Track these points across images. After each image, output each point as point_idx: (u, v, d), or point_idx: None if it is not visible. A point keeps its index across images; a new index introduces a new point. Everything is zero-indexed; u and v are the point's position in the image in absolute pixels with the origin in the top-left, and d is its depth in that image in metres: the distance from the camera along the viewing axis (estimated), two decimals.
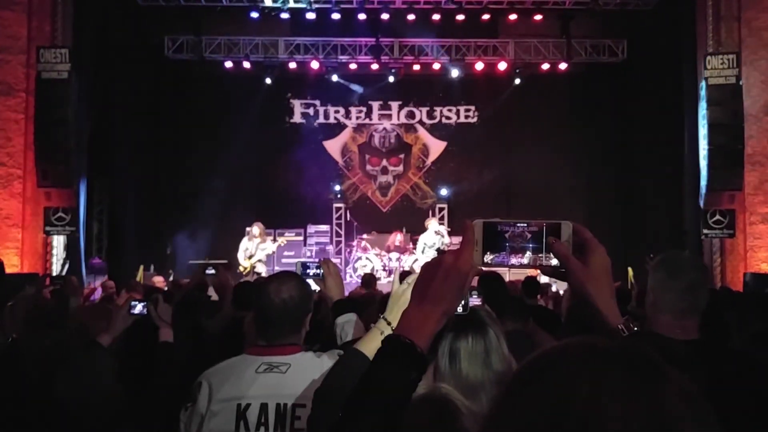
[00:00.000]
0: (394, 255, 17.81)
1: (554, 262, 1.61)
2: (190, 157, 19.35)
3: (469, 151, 20.20)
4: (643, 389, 0.93)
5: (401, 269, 16.13)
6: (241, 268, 15.53)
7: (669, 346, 2.74)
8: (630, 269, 14.77)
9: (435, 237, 17.00)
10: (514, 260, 1.59)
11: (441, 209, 19.44)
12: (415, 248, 17.59)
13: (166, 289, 10.85)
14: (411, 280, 2.37)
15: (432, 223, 17.22)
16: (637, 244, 16.88)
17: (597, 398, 0.91)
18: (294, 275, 3.16)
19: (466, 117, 20.53)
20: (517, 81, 19.39)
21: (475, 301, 4.84)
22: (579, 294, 1.62)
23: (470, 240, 1.57)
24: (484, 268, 1.61)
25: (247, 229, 16.59)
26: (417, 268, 15.94)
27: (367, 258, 18.01)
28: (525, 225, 1.60)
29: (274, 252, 16.35)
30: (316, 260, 3.84)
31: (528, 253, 1.60)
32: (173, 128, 19.47)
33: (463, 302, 1.93)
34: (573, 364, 0.97)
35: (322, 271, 3.71)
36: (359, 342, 2.42)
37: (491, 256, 1.59)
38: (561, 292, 11.53)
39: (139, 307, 4.36)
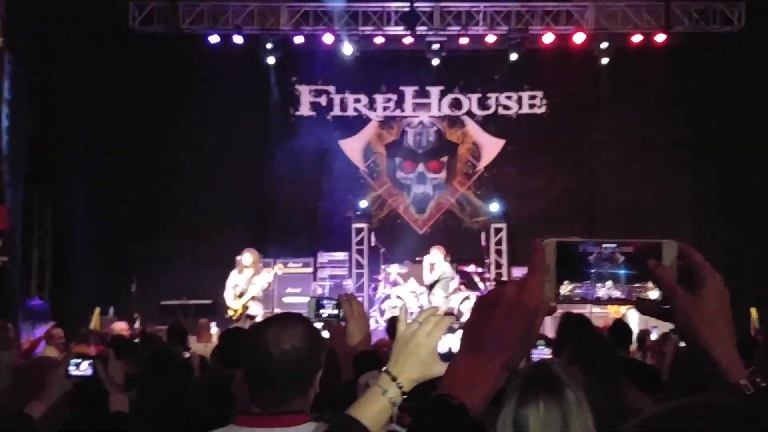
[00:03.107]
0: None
1: (654, 295, 1.58)
2: (163, 163, 19.58)
3: (536, 151, 20.17)
4: None
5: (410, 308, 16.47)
6: (230, 312, 15.60)
7: None
8: (753, 310, 14.65)
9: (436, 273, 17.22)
10: (600, 293, 1.57)
11: (498, 230, 19.31)
12: (463, 283, 17.74)
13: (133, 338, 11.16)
14: (423, 318, 2.39)
15: (434, 253, 17.33)
16: (763, 276, 16.63)
17: None
18: (299, 318, 3.13)
19: (531, 106, 20.49)
20: (605, 61, 19.53)
21: (543, 352, 5.29)
22: (688, 337, 1.57)
23: (540, 266, 1.55)
24: (558, 305, 1.58)
25: (237, 258, 16.72)
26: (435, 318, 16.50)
27: (398, 296, 17.77)
28: (614, 245, 1.57)
29: (270, 285, 16.45)
30: (335, 297, 3.84)
31: (618, 284, 1.57)
32: (141, 125, 19.53)
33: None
34: None
35: (342, 311, 3.70)
36: (353, 405, 2.42)
37: (569, 288, 1.57)
38: (654, 336, 11.66)
39: (84, 366, 4.34)
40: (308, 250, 19.13)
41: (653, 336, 11.91)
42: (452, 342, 7.22)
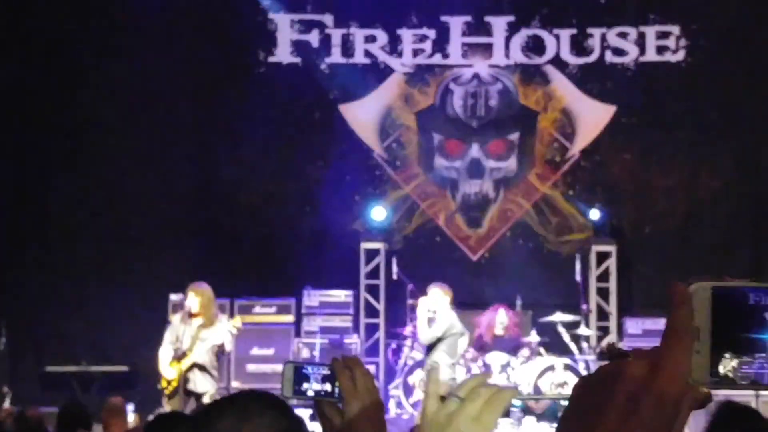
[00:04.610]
0: (498, 357, 16.12)
1: None
2: (51, 142, 18.48)
3: (669, 125, 18.22)
4: None
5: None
6: (163, 383, 13.89)
7: None
8: None
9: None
10: None
11: (603, 256, 17.51)
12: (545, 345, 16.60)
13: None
14: (465, 392, 2.23)
15: (434, 294, 15.47)
16: None
17: None
18: (270, 400, 2.90)
19: (661, 51, 18.45)
20: None
21: None
22: None
23: (685, 327, 1.30)
24: (714, 390, 1.36)
25: (173, 298, 16.08)
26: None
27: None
28: None
29: (229, 345, 14.51)
30: (325, 362, 3.34)
31: None
32: (14, 75, 18.08)
33: None
34: None
35: (336, 387, 3.02)
36: None
37: (733, 363, 1.33)
38: None
39: None
40: (288, 286, 17.63)
41: None
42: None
